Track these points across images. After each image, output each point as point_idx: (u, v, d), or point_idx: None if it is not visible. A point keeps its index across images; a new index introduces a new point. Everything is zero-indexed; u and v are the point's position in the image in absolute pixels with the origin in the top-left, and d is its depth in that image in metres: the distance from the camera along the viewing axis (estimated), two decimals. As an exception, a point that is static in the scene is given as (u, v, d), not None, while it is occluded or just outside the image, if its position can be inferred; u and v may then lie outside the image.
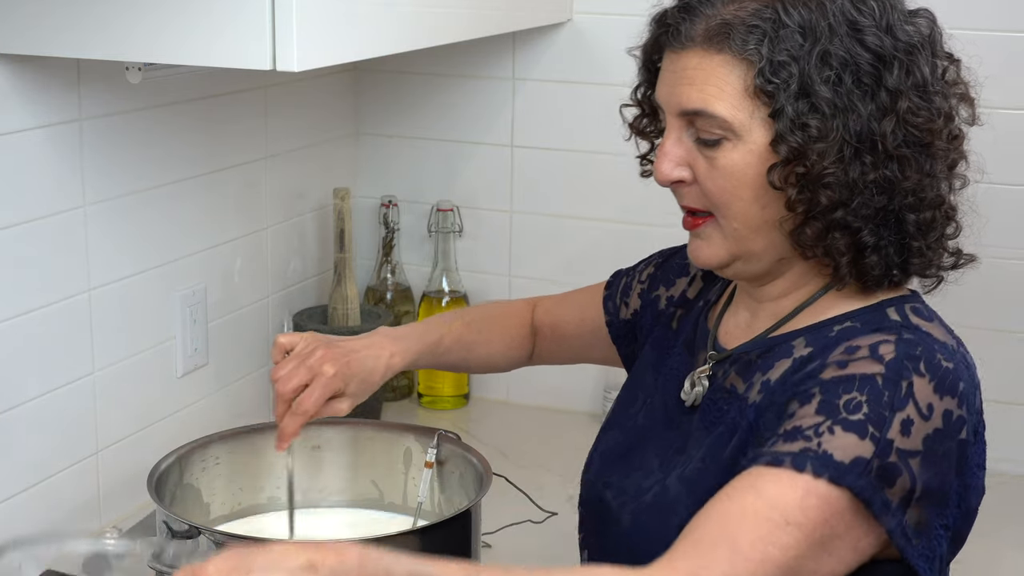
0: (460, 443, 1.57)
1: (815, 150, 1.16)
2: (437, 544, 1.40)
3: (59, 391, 1.77)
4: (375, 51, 1.66)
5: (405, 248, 2.42)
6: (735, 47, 1.18)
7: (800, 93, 1.17)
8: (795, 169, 1.18)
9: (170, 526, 1.36)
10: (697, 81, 1.20)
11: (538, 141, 2.33)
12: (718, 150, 1.21)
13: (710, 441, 1.25)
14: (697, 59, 1.20)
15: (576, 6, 2.26)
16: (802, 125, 1.16)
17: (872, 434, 1.11)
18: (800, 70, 1.16)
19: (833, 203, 1.18)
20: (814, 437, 1.12)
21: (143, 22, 1.49)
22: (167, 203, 1.93)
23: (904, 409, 1.12)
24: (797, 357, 1.22)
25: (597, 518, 1.38)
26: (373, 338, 1.50)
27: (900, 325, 1.20)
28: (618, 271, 1.59)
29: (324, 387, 1.42)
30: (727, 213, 1.22)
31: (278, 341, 1.47)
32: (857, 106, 1.17)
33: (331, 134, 2.36)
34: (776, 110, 1.17)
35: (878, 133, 1.17)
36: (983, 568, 1.81)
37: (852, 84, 1.17)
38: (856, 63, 1.17)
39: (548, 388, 2.36)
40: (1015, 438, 2.14)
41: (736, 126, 1.19)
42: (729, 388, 1.27)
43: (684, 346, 1.38)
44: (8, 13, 1.55)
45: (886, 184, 1.18)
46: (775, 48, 1.17)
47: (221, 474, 1.58)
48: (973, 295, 2.07)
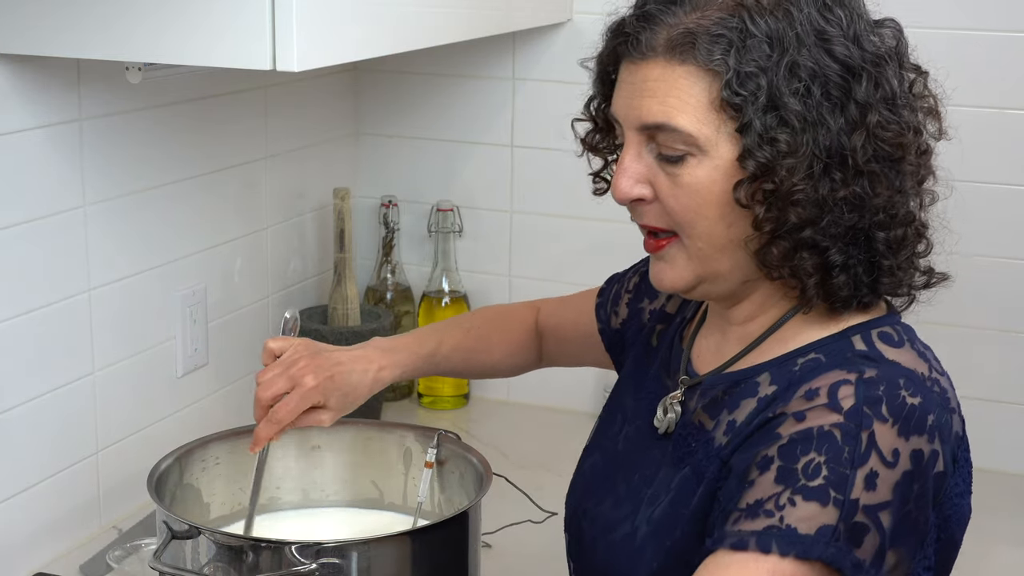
0: (460, 443, 1.57)
1: (784, 166, 1.11)
2: (437, 544, 1.40)
3: (59, 391, 1.77)
4: (375, 51, 1.66)
5: (405, 248, 2.42)
6: (700, 58, 1.12)
7: (768, 106, 1.11)
8: (763, 186, 1.12)
9: (170, 526, 1.36)
10: (659, 93, 1.14)
11: (538, 141, 2.33)
12: (681, 166, 1.15)
13: (678, 482, 1.22)
14: (659, 70, 1.14)
15: (576, 6, 2.26)
16: (771, 140, 1.11)
17: (835, 498, 1.07)
18: (768, 82, 1.11)
19: (802, 221, 1.13)
20: (776, 511, 1.08)
21: (143, 22, 1.49)
22: (167, 203, 1.93)
23: (866, 463, 1.08)
24: (762, 396, 1.18)
25: (578, 544, 1.37)
26: (364, 350, 1.49)
27: (864, 357, 1.15)
28: (612, 276, 1.56)
29: (301, 398, 1.42)
30: (691, 232, 1.17)
31: (268, 346, 1.46)
32: (827, 120, 1.12)
33: (331, 134, 2.36)
34: (743, 124, 1.12)
35: (848, 148, 1.12)
36: (984, 568, 1.81)
37: (821, 97, 1.12)
38: (825, 75, 1.12)
39: (548, 388, 2.36)
40: (1015, 438, 2.14)
41: (701, 141, 1.13)
42: (697, 424, 1.23)
43: (661, 367, 1.35)
44: (8, 13, 1.55)
45: (856, 201, 1.13)
46: (742, 59, 1.11)
47: (221, 474, 1.58)
48: (973, 295, 2.08)
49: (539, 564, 1.78)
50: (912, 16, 2.04)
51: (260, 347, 2.17)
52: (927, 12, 2.04)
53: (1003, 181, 2.08)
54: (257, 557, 1.32)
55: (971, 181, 2.05)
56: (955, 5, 2.05)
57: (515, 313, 1.65)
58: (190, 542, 1.36)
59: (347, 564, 1.32)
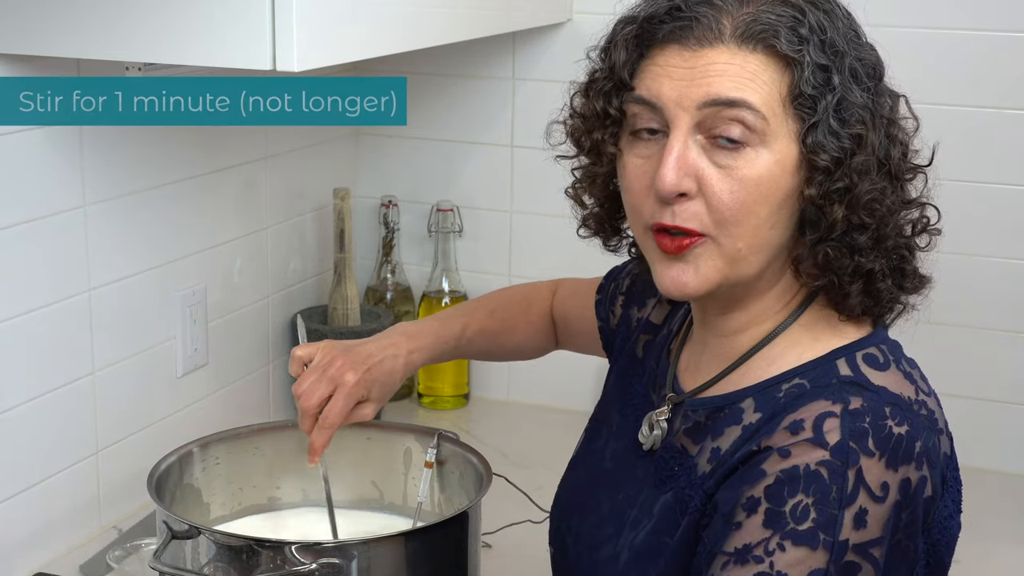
0: (460, 443, 1.57)
1: (854, 164, 1.09)
2: (437, 544, 1.40)
3: (59, 391, 1.77)
4: (375, 51, 1.66)
5: (405, 248, 2.42)
6: (782, 47, 1.09)
7: (839, 101, 1.10)
8: (835, 183, 1.10)
9: (170, 526, 1.36)
10: (730, 74, 1.09)
11: (538, 141, 2.31)
12: (739, 157, 1.10)
13: (660, 508, 1.20)
14: (728, 55, 1.10)
15: (576, 6, 2.26)
16: (842, 135, 1.09)
17: (824, 540, 1.05)
18: (840, 79, 1.10)
19: (874, 221, 1.11)
20: (765, 557, 1.06)
21: (143, 22, 1.49)
22: (167, 203, 1.93)
23: (855, 502, 1.06)
24: (746, 424, 1.15)
25: (562, 558, 1.36)
26: (391, 337, 1.49)
27: (849, 384, 1.12)
28: (611, 271, 1.55)
29: (348, 396, 1.41)
30: (734, 231, 1.11)
31: (295, 354, 1.45)
32: (878, 124, 1.12)
33: (331, 134, 2.36)
34: (817, 119, 1.09)
35: (890, 155, 1.13)
36: (984, 568, 1.81)
37: (867, 94, 1.12)
38: (864, 76, 1.12)
39: (548, 388, 2.36)
40: (1015, 438, 2.14)
41: (770, 127, 1.09)
42: (680, 447, 1.21)
43: (648, 381, 1.33)
44: (8, 13, 1.55)
45: (897, 209, 1.14)
46: (817, 51, 1.10)
47: (221, 474, 1.58)
48: (973, 295, 2.08)
49: (539, 564, 1.78)
50: (912, 16, 2.06)
51: (260, 347, 2.19)
52: (927, 12, 2.04)
53: (1003, 181, 2.08)
54: (257, 557, 1.32)
55: (971, 181, 2.05)
56: (955, 5, 2.05)
57: (536, 295, 1.64)
58: (190, 542, 1.36)
59: (347, 564, 1.32)
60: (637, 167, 1.16)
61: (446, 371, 2.36)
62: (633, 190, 1.17)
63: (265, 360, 2.22)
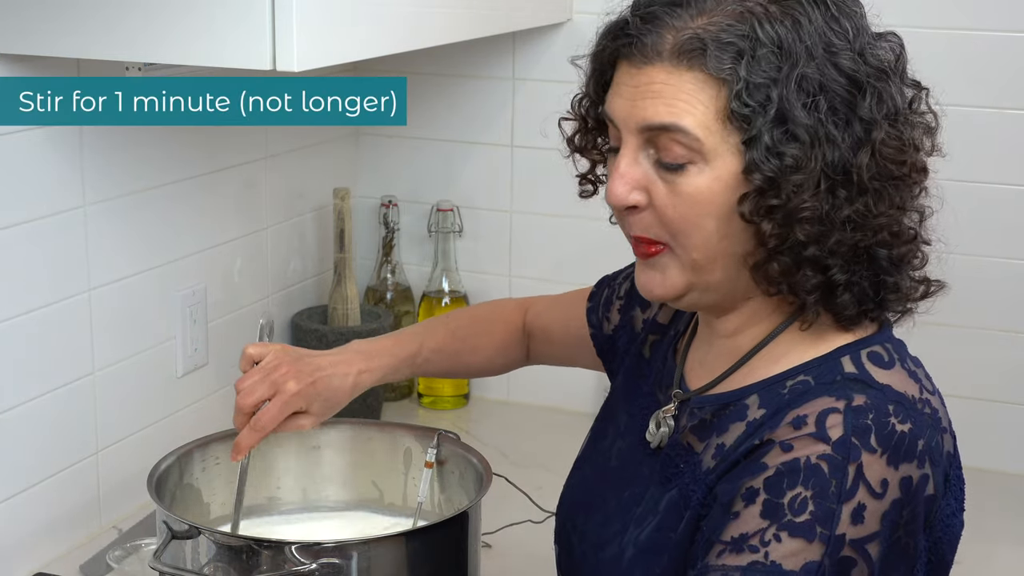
0: (460, 443, 1.57)
1: (791, 181, 1.08)
2: (437, 544, 1.40)
3: (59, 391, 1.77)
4: (375, 51, 1.66)
5: (405, 248, 2.42)
6: (710, 65, 1.09)
7: (778, 119, 1.08)
8: (768, 201, 1.09)
9: (170, 526, 1.36)
10: (665, 96, 1.11)
11: (538, 141, 2.32)
12: (682, 174, 1.12)
13: (665, 505, 1.20)
14: (664, 75, 1.11)
15: (576, 6, 2.26)
16: (778, 153, 1.08)
17: (820, 533, 1.06)
18: (779, 94, 1.08)
19: (808, 238, 1.10)
20: (761, 547, 1.06)
21: (144, 23, 1.49)
22: (167, 203, 1.93)
23: (853, 497, 1.07)
24: (751, 420, 1.16)
25: (567, 557, 1.36)
26: (344, 354, 1.48)
27: (853, 381, 1.13)
28: (603, 279, 1.54)
29: (284, 404, 1.41)
30: (685, 243, 1.14)
31: (246, 352, 1.45)
32: (834, 135, 1.09)
33: (331, 134, 2.36)
34: (752, 136, 1.08)
35: (854, 165, 1.10)
36: (984, 568, 1.81)
37: (828, 111, 1.09)
38: (832, 88, 1.09)
39: (548, 388, 2.36)
40: (1015, 438, 2.14)
41: (706, 148, 1.10)
42: (686, 445, 1.22)
43: (655, 381, 1.33)
44: (8, 13, 1.55)
45: (860, 219, 1.11)
46: (752, 69, 1.08)
47: (221, 474, 1.58)
48: (973, 295, 2.08)
49: (539, 564, 1.78)
50: (912, 16, 2.06)
51: (260, 347, 2.19)
52: (927, 12, 2.04)
53: (1003, 181, 2.08)
54: (257, 557, 1.32)
55: (971, 181, 2.05)
56: (955, 5, 2.05)
57: (502, 312, 1.63)
58: (190, 542, 1.36)
59: (347, 564, 1.32)
60: (609, 180, 1.19)
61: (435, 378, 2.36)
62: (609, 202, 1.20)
63: (265, 360, 2.21)
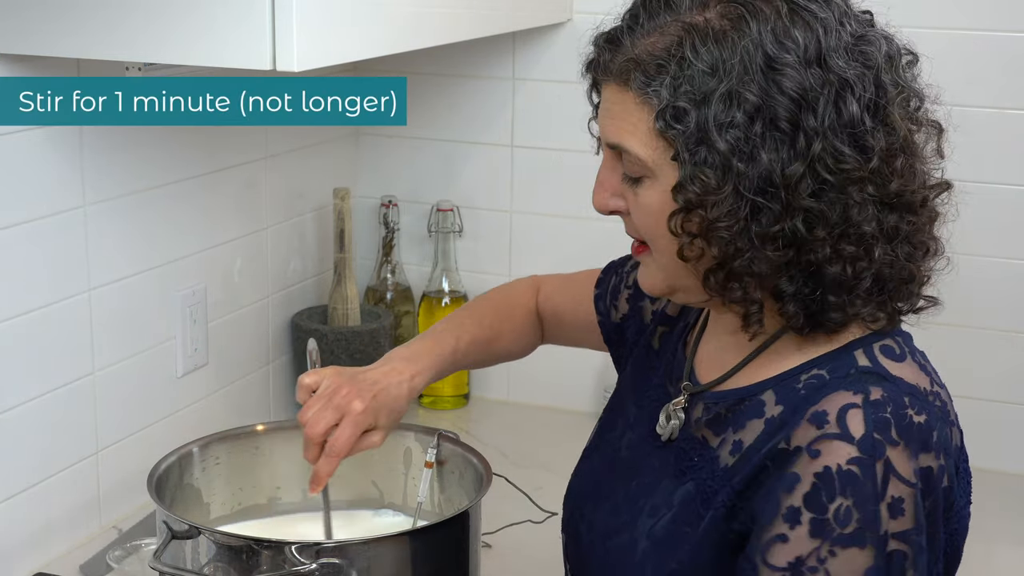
0: (460, 443, 1.57)
1: (710, 201, 1.10)
2: (437, 544, 1.40)
3: (59, 391, 1.77)
4: (375, 51, 1.66)
5: (405, 248, 2.42)
6: (638, 86, 1.12)
7: (699, 140, 1.10)
8: (691, 218, 1.12)
9: (170, 526, 1.36)
10: (615, 116, 1.16)
11: (538, 141, 2.33)
12: (639, 187, 1.17)
13: (680, 498, 1.21)
14: (615, 94, 1.16)
15: (576, 6, 2.26)
16: (699, 175, 1.10)
17: (870, 537, 1.08)
18: (699, 116, 1.09)
19: (724, 255, 1.12)
20: (819, 566, 1.08)
21: (144, 23, 1.49)
22: (167, 203, 1.93)
23: (887, 493, 1.08)
24: (769, 418, 1.16)
25: (575, 546, 1.37)
26: (392, 364, 1.47)
27: (868, 374, 1.13)
28: (610, 265, 1.55)
29: (355, 425, 1.39)
30: (653, 247, 1.20)
31: (303, 382, 1.43)
32: (760, 156, 1.08)
33: (331, 134, 2.36)
34: (675, 156, 1.12)
35: (781, 184, 1.09)
36: (985, 568, 1.81)
37: (763, 128, 1.08)
38: (770, 106, 1.08)
39: (548, 388, 2.36)
40: (1016, 438, 2.14)
41: (650, 165, 1.14)
42: (700, 439, 1.22)
43: (664, 373, 1.34)
44: (8, 13, 1.55)
45: (792, 237, 1.10)
46: (676, 91, 1.10)
47: (221, 474, 1.58)
48: (973, 295, 2.08)
49: (539, 564, 1.78)
50: (912, 16, 2.05)
51: (260, 347, 2.19)
52: (927, 12, 2.04)
53: (1003, 181, 2.08)
54: (257, 557, 1.32)
55: (971, 181, 2.05)
56: (954, 5, 2.05)
57: (518, 297, 1.64)
58: (190, 542, 1.36)
59: (347, 564, 1.31)
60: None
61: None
62: None
63: (265, 360, 2.22)
